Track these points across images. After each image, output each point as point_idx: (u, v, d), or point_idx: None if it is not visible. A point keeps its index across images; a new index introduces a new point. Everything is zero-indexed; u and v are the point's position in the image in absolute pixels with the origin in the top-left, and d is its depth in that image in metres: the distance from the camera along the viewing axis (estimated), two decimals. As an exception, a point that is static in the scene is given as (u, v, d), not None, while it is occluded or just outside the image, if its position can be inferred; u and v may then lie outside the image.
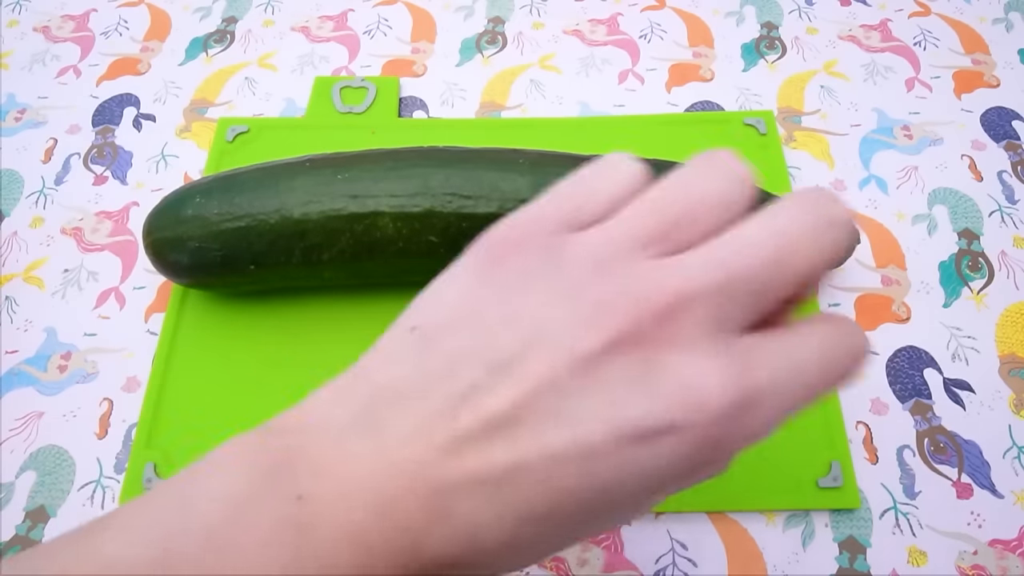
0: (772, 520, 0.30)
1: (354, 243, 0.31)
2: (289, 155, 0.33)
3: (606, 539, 0.30)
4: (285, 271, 0.32)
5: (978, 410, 0.33)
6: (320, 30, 0.47)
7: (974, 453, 0.32)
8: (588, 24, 0.47)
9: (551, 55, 0.45)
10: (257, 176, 0.32)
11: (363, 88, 0.43)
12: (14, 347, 0.35)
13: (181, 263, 0.31)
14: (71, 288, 0.36)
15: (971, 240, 0.37)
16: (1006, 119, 0.42)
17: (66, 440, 0.32)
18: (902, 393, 0.33)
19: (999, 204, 0.39)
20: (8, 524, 0.30)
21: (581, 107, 0.43)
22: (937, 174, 0.40)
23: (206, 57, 0.46)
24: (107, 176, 0.40)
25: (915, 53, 0.45)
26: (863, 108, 0.42)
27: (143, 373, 0.34)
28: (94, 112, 0.43)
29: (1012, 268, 0.37)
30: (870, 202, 0.39)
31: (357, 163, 0.31)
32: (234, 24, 0.47)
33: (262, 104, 0.43)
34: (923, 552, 0.30)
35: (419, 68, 0.45)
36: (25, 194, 0.40)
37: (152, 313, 0.36)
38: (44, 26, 0.47)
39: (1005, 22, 0.46)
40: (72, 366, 0.34)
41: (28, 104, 0.43)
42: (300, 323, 0.34)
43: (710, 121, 0.41)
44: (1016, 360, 0.34)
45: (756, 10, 0.47)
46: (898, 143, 0.41)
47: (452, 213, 0.30)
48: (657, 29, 0.47)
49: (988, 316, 0.35)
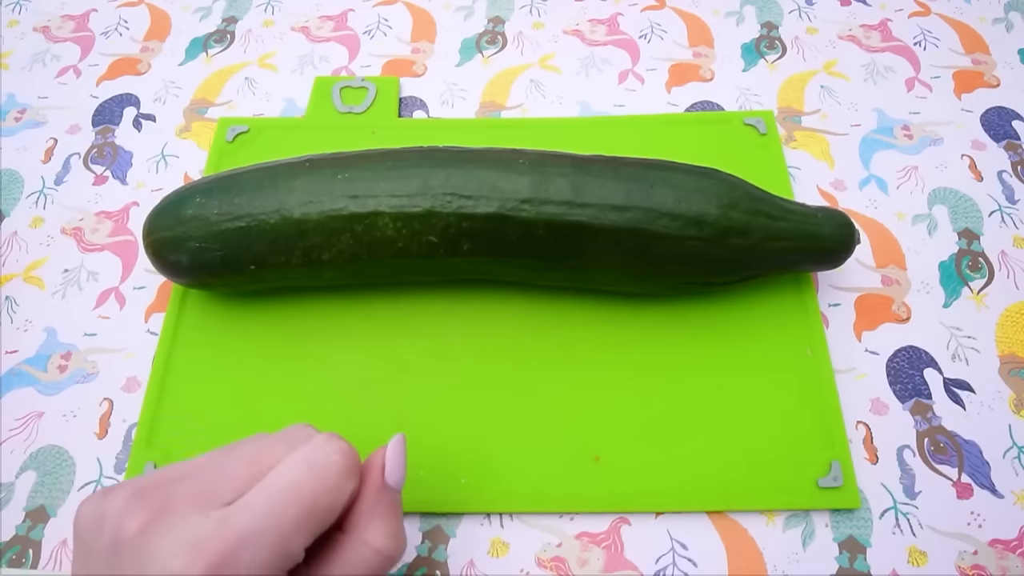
0: (772, 520, 0.30)
1: (354, 243, 0.31)
2: (289, 155, 0.33)
3: (606, 539, 0.30)
4: (285, 271, 0.32)
5: (978, 410, 0.33)
6: (320, 30, 0.47)
7: (974, 453, 0.32)
8: (588, 24, 0.47)
9: (551, 55, 0.45)
10: (257, 176, 0.31)
11: (363, 88, 0.43)
12: (14, 347, 0.35)
13: (181, 263, 0.31)
14: (71, 288, 0.36)
15: (971, 240, 0.37)
16: (1006, 119, 0.42)
17: (66, 440, 0.32)
18: (902, 393, 0.33)
19: (999, 204, 0.39)
20: (8, 524, 0.30)
21: (581, 107, 0.43)
22: (937, 174, 0.40)
23: (206, 57, 0.46)
24: (107, 176, 0.40)
25: (915, 53, 0.45)
26: (863, 108, 0.42)
27: (143, 373, 0.34)
28: (94, 112, 0.43)
29: (1012, 268, 0.37)
30: (870, 202, 0.39)
31: (357, 163, 0.31)
32: (234, 24, 0.47)
33: (262, 104, 0.43)
34: (923, 552, 0.30)
35: (419, 68, 0.45)
36: (25, 194, 0.40)
37: (152, 313, 0.36)
38: (44, 26, 0.47)
39: (1005, 22, 0.46)
40: (72, 366, 0.34)
41: (28, 104, 0.43)
42: (300, 323, 0.34)
43: (710, 121, 0.41)
44: (1016, 360, 0.34)
45: (756, 10, 0.47)
46: (898, 143, 0.41)
47: (452, 213, 0.30)
48: (657, 29, 0.47)
49: (988, 316, 0.35)
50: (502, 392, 0.33)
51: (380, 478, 0.23)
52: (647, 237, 0.30)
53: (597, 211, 0.30)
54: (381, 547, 0.22)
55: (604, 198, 0.30)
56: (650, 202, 0.30)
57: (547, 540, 0.30)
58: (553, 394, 0.32)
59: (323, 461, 0.22)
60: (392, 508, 0.23)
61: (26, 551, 0.30)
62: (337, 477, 0.22)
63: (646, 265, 0.31)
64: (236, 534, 0.19)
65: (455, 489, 0.30)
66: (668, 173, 0.31)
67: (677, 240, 0.30)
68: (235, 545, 0.19)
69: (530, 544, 0.30)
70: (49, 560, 0.30)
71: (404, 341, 0.34)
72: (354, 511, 0.23)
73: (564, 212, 0.30)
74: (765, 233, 0.31)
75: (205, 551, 0.19)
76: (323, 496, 0.21)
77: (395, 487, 0.23)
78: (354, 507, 0.23)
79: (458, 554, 0.30)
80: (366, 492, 0.23)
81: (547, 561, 0.29)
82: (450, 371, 0.33)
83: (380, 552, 0.22)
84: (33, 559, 0.30)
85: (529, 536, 0.30)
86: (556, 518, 0.30)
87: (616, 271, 0.31)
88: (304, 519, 0.21)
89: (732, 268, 0.32)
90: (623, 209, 0.30)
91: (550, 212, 0.30)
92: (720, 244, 0.30)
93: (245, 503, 0.20)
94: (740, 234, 0.30)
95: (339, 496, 0.22)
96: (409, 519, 0.30)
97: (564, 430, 0.32)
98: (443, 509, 0.30)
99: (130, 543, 0.19)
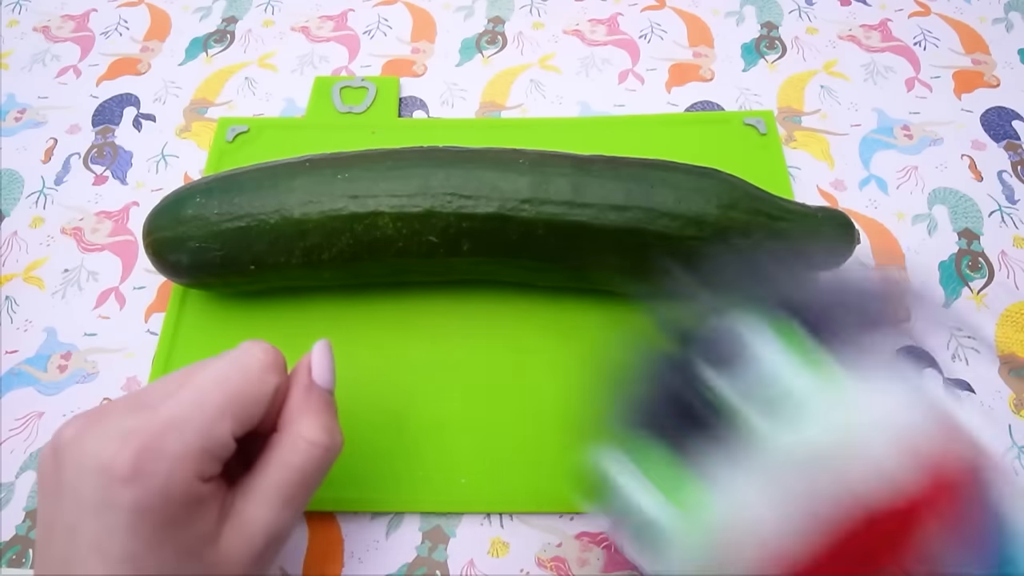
0: (772, 520, 0.30)
1: (354, 243, 0.31)
2: (289, 155, 0.33)
3: (606, 539, 0.30)
4: (285, 271, 0.32)
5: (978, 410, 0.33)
6: (320, 30, 0.47)
7: (974, 453, 0.32)
8: (588, 24, 0.47)
9: (551, 55, 0.45)
10: (257, 176, 0.31)
11: (363, 88, 0.43)
12: (14, 347, 0.35)
13: (181, 263, 0.31)
14: (71, 288, 0.36)
15: (971, 240, 0.37)
16: (1006, 119, 0.42)
17: (66, 440, 0.32)
18: (902, 393, 0.33)
19: (999, 204, 0.39)
20: (8, 524, 0.30)
21: (581, 107, 0.43)
22: (937, 174, 0.40)
23: (206, 57, 0.46)
24: (107, 176, 0.40)
25: (915, 53, 0.45)
26: (863, 108, 0.42)
27: (143, 373, 0.34)
28: (94, 112, 0.43)
29: (1012, 268, 0.37)
30: (870, 202, 0.39)
31: (357, 163, 0.31)
32: (234, 24, 0.47)
33: (262, 104, 0.43)
34: (923, 552, 0.30)
35: (419, 68, 0.45)
36: (25, 194, 0.40)
37: (152, 313, 0.36)
38: (44, 26, 0.47)
39: (1005, 22, 0.46)
40: (72, 366, 0.34)
41: (28, 104, 0.43)
42: (300, 323, 0.34)
43: (710, 121, 0.41)
44: (1016, 360, 0.34)
45: (756, 10, 0.47)
46: (898, 143, 0.41)
47: (452, 213, 0.30)
48: (657, 29, 0.47)
49: (988, 316, 0.35)
50: (502, 392, 0.33)
51: (308, 378, 0.25)
52: (647, 237, 0.30)
53: (597, 211, 0.30)
54: (314, 438, 0.23)
55: (604, 198, 0.30)
56: (650, 202, 0.30)
57: (547, 540, 0.30)
58: (553, 394, 0.32)
59: (245, 357, 0.23)
60: (323, 404, 0.24)
61: (26, 551, 0.30)
62: (260, 370, 0.23)
63: (646, 265, 0.31)
64: (162, 421, 0.21)
65: (455, 489, 0.30)
66: (668, 173, 0.31)
67: (677, 240, 0.30)
68: (162, 430, 0.21)
69: (530, 544, 0.30)
70: (49, 560, 0.30)
71: (404, 341, 0.34)
72: (286, 410, 0.24)
73: (564, 212, 0.30)
74: (765, 233, 0.31)
75: (133, 438, 0.20)
76: (246, 385, 0.23)
77: (323, 385, 0.25)
78: (286, 407, 0.24)
79: (458, 554, 0.30)
80: (295, 391, 0.24)
81: (547, 561, 0.29)
82: (450, 371, 0.33)
83: (314, 443, 0.23)
84: (33, 559, 0.30)
85: (529, 536, 0.30)
86: (556, 518, 0.30)
87: (616, 271, 0.31)
88: (228, 406, 0.22)
89: (732, 268, 0.32)
90: (623, 209, 0.30)
91: (550, 212, 0.30)
92: (720, 244, 0.30)
93: (173, 398, 0.22)
94: (740, 234, 0.30)
95: (262, 387, 0.23)
96: (409, 519, 0.30)
97: (564, 430, 0.32)
98: (443, 509, 0.30)
99: (67, 446, 0.21)
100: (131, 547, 0.19)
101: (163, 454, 0.20)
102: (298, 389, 0.24)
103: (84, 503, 0.20)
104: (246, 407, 0.22)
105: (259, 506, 0.22)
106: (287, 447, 0.23)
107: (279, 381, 0.24)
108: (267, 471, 0.23)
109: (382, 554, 0.30)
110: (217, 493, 0.22)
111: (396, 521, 0.30)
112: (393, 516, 0.30)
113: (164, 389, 0.22)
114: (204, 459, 0.21)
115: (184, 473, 0.20)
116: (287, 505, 0.23)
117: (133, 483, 0.20)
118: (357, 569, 0.29)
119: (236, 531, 0.22)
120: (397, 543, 0.30)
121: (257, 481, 0.23)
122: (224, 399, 0.22)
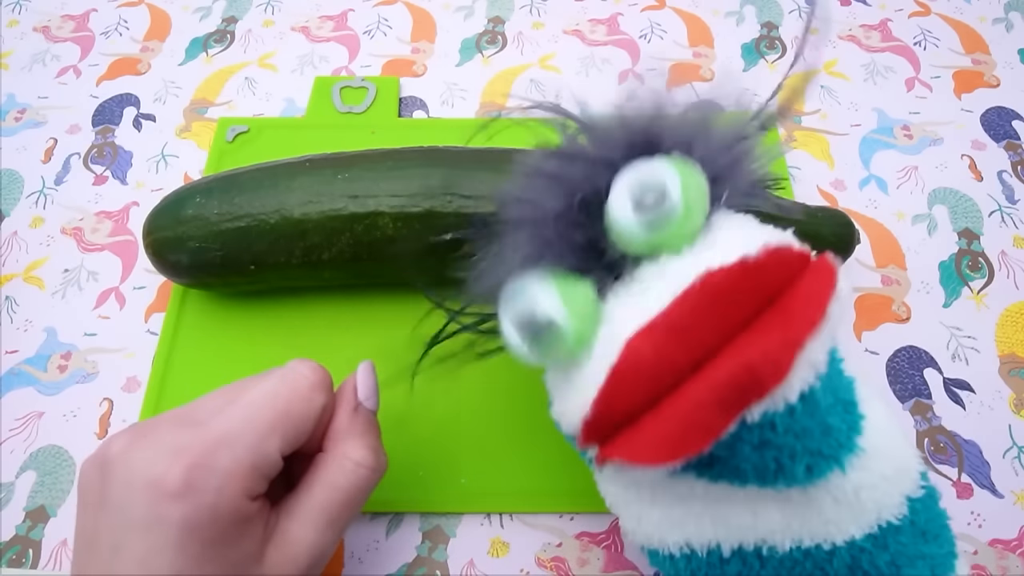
0: (772, 520, 0.30)
1: (354, 243, 0.31)
2: (289, 155, 0.33)
3: (606, 539, 0.30)
4: (285, 271, 0.32)
5: (978, 410, 0.33)
6: (320, 30, 0.47)
7: (974, 453, 0.32)
8: (588, 24, 0.47)
9: (551, 55, 0.45)
10: (257, 176, 0.31)
11: (363, 88, 0.43)
12: (14, 347, 0.35)
13: (181, 263, 0.31)
14: (71, 288, 0.36)
15: (971, 240, 0.37)
16: (1006, 119, 0.42)
17: (66, 440, 0.32)
18: (902, 393, 0.33)
19: (999, 204, 0.39)
20: (8, 524, 0.30)
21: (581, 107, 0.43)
22: (937, 174, 0.40)
23: (206, 57, 0.46)
24: (107, 176, 0.40)
25: (915, 53, 0.45)
26: (863, 108, 0.42)
27: (143, 373, 0.34)
28: (94, 112, 0.43)
29: (1012, 268, 0.37)
30: (870, 202, 0.39)
31: (357, 163, 0.31)
32: (234, 24, 0.47)
33: (262, 104, 0.43)
34: (923, 552, 0.30)
35: (419, 68, 0.45)
36: (25, 194, 0.40)
37: (152, 313, 0.36)
38: (44, 26, 0.47)
39: (1005, 22, 0.46)
40: (72, 366, 0.34)
41: (28, 104, 0.43)
42: (300, 323, 0.34)
43: (710, 121, 0.41)
44: (1016, 360, 0.34)
45: (756, 10, 0.47)
46: (898, 143, 0.41)
47: (452, 213, 0.30)
48: (657, 29, 0.47)
49: (988, 316, 0.35)
50: (502, 392, 0.33)
51: (354, 398, 0.25)
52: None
53: (597, 211, 0.30)
54: (360, 458, 0.23)
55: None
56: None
57: (547, 540, 0.30)
58: (553, 394, 0.32)
59: (293, 375, 0.23)
60: (368, 425, 0.25)
61: (26, 551, 0.30)
62: (308, 388, 0.23)
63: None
64: (214, 437, 0.21)
65: (455, 489, 0.30)
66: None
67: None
68: (213, 446, 0.20)
69: (530, 544, 0.30)
70: (49, 560, 0.30)
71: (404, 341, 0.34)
72: (332, 431, 0.24)
73: (564, 212, 0.30)
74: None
75: (184, 454, 0.20)
76: (295, 403, 0.22)
77: (368, 406, 0.25)
78: (331, 428, 0.24)
79: (458, 554, 0.30)
80: (341, 412, 0.24)
81: (547, 561, 0.29)
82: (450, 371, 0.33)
83: (360, 463, 0.23)
84: (33, 559, 0.30)
85: (529, 536, 0.30)
86: (556, 518, 0.30)
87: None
88: (278, 423, 0.22)
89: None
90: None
91: (550, 212, 0.30)
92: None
93: (223, 414, 0.22)
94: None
95: (310, 405, 0.23)
96: (409, 519, 0.30)
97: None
98: (443, 509, 0.30)
99: (114, 461, 0.20)
100: (178, 565, 0.19)
101: (214, 470, 0.20)
102: (344, 409, 0.24)
103: (132, 519, 0.20)
104: (295, 425, 0.22)
105: (303, 526, 0.22)
106: (333, 468, 0.23)
107: (326, 400, 0.24)
108: (312, 491, 0.23)
109: (382, 554, 0.30)
110: (262, 512, 0.22)
111: (396, 521, 0.30)
112: (393, 516, 0.30)
113: (212, 405, 0.22)
114: (253, 477, 0.21)
115: (233, 490, 0.20)
116: (331, 526, 0.22)
117: (183, 499, 0.19)
118: (357, 569, 0.29)
119: (280, 551, 0.22)
120: (397, 543, 0.30)
121: (302, 501, 0.22)
122: (274, 416, 0.22)
